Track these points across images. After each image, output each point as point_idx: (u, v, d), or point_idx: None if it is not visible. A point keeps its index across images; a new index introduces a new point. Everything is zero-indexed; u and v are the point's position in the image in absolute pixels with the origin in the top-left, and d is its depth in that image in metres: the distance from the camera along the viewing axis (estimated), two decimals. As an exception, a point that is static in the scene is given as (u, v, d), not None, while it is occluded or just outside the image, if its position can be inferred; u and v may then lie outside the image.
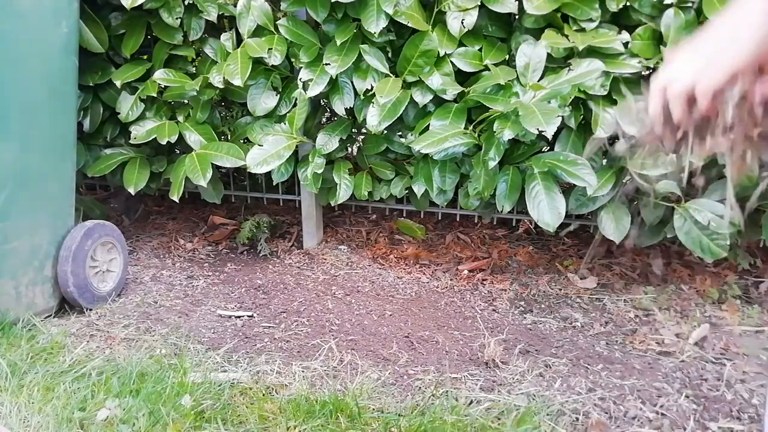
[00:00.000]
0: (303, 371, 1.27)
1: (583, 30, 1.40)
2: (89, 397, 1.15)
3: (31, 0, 1.31)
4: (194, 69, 1.78)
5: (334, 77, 1.57)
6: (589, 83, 1.39)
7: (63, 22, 1.39)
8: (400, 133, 1.70)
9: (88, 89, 1.77)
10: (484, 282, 1.70)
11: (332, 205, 1.82)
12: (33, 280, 1.43)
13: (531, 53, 1.43)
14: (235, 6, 1.62)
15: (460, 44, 1.52)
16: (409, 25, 1.48)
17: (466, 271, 1.75)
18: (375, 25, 1.48)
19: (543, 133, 1.31)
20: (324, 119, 1.90)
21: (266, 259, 1.87)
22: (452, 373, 1.27)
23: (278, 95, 1.68)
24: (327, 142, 1.68)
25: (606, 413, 1.14)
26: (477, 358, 1.33)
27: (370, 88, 1.56)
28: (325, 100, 1.73)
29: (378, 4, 1.47)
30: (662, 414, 1.14)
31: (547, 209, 1.44)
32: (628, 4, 1.39)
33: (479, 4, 1.46)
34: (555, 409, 1.15)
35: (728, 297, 1.56)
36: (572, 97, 1.40)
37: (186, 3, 1.66)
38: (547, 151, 1.56)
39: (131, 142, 1.74)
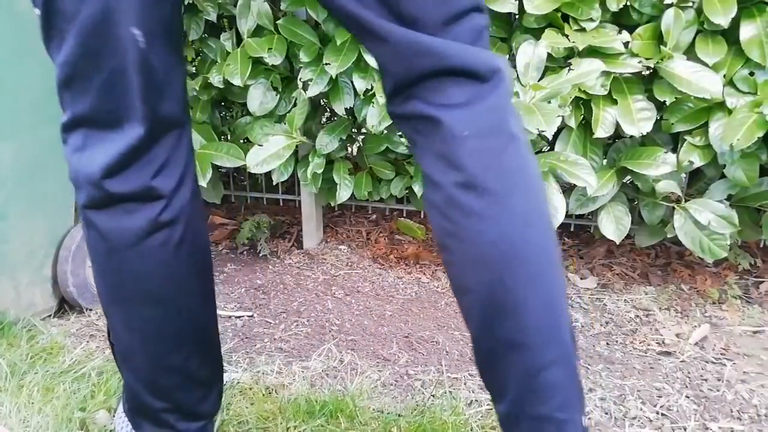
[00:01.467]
0: (303, 371, 1.27)
1: (583, 30, 1.40)
2: (89, 398, 1.15)
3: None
4: (194, 69, 1.77)
5: (334, 77, 1.57)
6: (590, 83, 1.39)
7: (63, 22, 1.39)
8: (400, 133, 1.70)
9: (87, 89, 1.77)
10: (484, 282, 1.70)
11: (332, 205, 1.82)
12: (32, 280, 1.43)
13: (531, 53, 1.43)
14: (235, 6, 1.62)
15: (460, 44, 1.51)
16: (409, 24, 1.48)
17: (466, 271, 1.75)
18: (375, 24, 1.47)
19: (543, 133, 1.31)
20: (324, 119, 1.90)
21: (266, 259, 1.87)
22: (452, 373, 1.27)
23: (278, 95, 1.68)
24: (327, 142, 1.68)
25: (606, 413, 1.14)
26: (477, 359, 1.32)
27: (370, 88, 1.56)
28: (325, 100, 1.73)
29: (378, 3, 1.46)
30: (663, 414, 1.14)
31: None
32: (628, 3, 1.38)
33: (479, 3, 1.46)
34: (555, 409, 1.15)
35: (729, 297, 1.56)
36: (572, 97, 1.40)
37: (186, 3, 1.66)
38: (547, 151, 1.56)
39: (131, 142, 1.73)
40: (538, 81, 1.42)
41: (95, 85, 0.70)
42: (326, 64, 1.55)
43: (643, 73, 1.43)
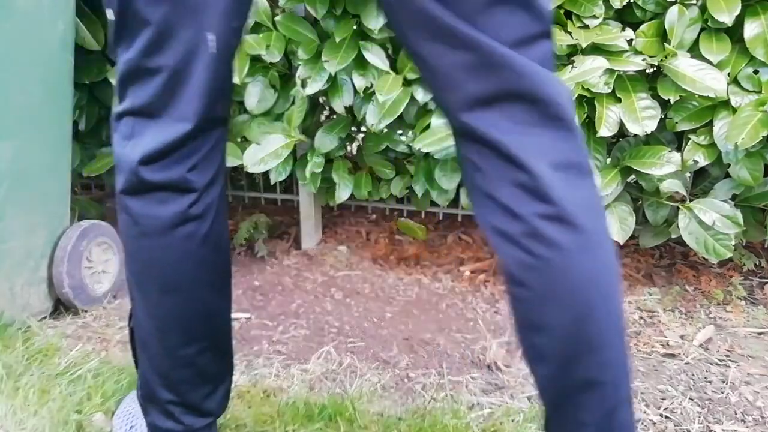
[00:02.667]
0: (301, 374, 1.25)
1: (586, 27, 1.39)
2: (85, 400, 1.14)
3: (26, -4, 1.30)
4: (192, 67, 1.76)
5: (333, 74, 1.55)
6: (593, 81, 1.37)
7: (59, 20, 1.37)
8: (400, 132, 1.69)
9: (83, 87, 1.75)
10: (486, 283, 1.68)
11: (331, 205, 1.80)
12: (28, 280, 1.41)
13: (533, 51, 1.42)
14: (233, 3, 1.61)
15: (461, 42, 1.50)
16: (410, 22, 1.46)
17: (467, 273, 1.73)
18: (375, 21, 1.46)
19: (545, 132, 1.29)
20: (323, 117, 1.88)
21: (264, 260, 1.85)
22: (453, 376, 1.25)
23: (276, 93, 1.67)
24: (326, 141, 1.66)
25: (610, 417, 1.13)
26: (479, 361, 1.31)
27: (369, 85, 1.54)
28: (324, 98, 1.72)
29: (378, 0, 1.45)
30: (667, 417, 1.13)
31: (549, 209, 1.43)
32: (632, 0, 1.37)
33: (481, 1, 1.44)
34: (558, 412, 1.13)
35: (733, 298, 1.54)
36: (576, 95, 1.38)
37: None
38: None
39: (128, 141, 1.72)
40: (540, 79, 1.41)
41: (156, 82, 0.74)
42: (325, 61, 1.53)
43: (647, 71, 1.41)
